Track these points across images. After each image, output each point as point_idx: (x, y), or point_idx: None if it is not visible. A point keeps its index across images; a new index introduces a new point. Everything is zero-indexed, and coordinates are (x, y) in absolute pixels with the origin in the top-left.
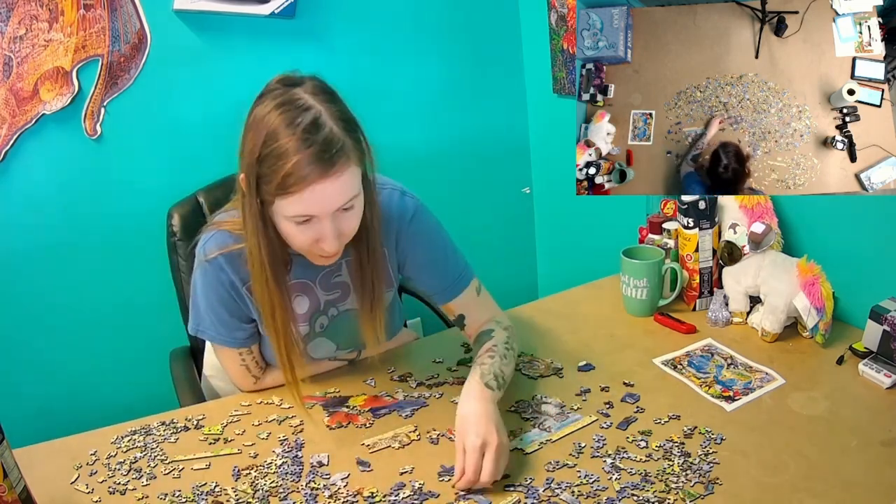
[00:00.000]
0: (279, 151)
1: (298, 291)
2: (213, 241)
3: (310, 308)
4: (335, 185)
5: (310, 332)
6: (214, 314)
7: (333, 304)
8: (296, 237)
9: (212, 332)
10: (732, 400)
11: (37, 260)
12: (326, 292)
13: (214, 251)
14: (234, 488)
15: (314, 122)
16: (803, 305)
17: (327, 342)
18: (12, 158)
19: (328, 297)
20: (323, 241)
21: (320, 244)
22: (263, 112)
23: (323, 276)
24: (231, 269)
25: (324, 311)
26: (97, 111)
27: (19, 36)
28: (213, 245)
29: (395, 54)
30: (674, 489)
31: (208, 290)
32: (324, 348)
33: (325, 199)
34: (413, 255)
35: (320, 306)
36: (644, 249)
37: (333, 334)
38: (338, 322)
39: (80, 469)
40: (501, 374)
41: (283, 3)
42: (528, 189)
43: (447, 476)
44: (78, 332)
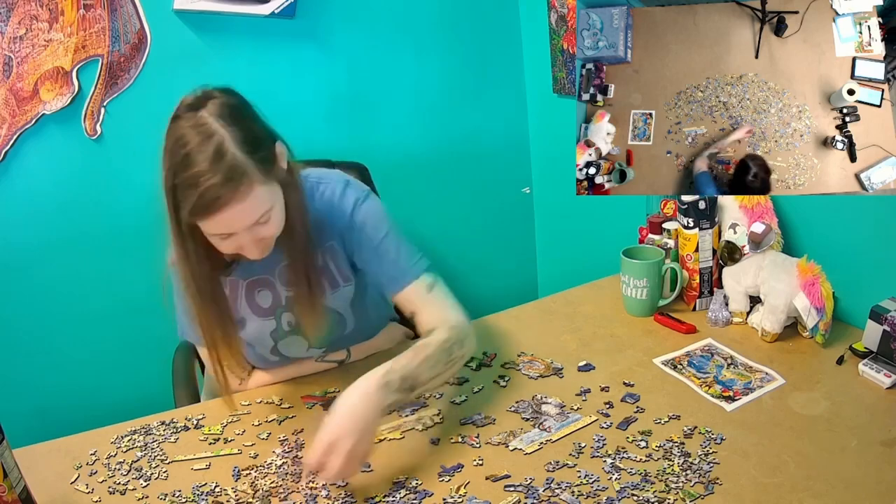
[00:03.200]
0: (189, 181)
1: (260, 286)
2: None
3: (273, 303)
4: (244, 207)
5: (277, 329)
6: (188, 317)
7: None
8: (222, 247)
9: (191, 334)
10: (732, 400)
11: (37, 260)
12: (287, 287)
13: (173, 257)
14: (234, 488)
15: (217, 151)
16: (803, 305)
17: (299, 340)
18: (12, 158)
19: (289, 292)
20: (244, 251)
21: (243, 252)
22: (173, 137)
23: (280, 270)
24: None
25: (287, 308)
26: (97, 111)
27: (19, 36)
28: (171, 251)
29: (395, 54)
30: (674, 489)
31: (177, 293)
32: (296, 346)
33: (237, 220)
34: (359, 245)
35: (282, 301)
36: (644, 249)
37: (300, 332)
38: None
39: (80, 469)
40: (413, 377)
41: (283, 3)
42: (528, 189)
43: (447, 476)
44: (78, 332)
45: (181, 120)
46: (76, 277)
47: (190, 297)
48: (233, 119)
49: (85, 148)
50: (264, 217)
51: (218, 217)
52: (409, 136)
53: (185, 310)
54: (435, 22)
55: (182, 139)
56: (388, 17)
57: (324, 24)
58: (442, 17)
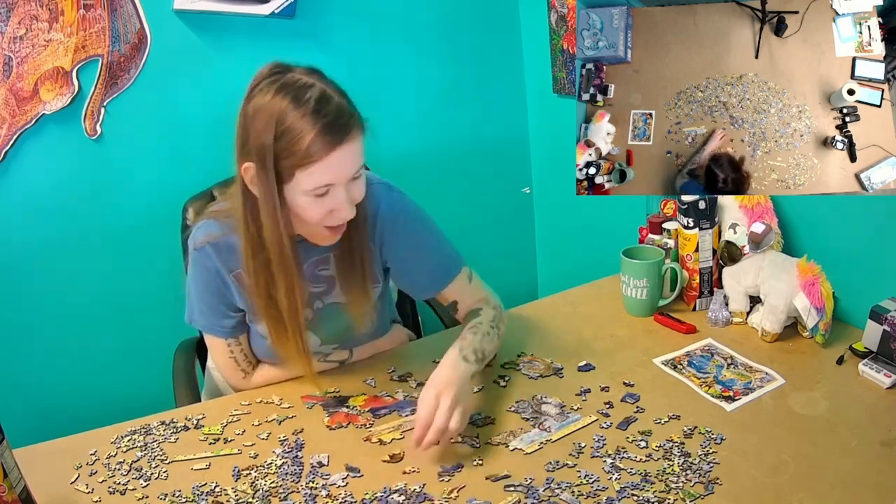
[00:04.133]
0: (295, 127)
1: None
2: (201, 231)
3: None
4: (351, 151)
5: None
6: (203, 303)
7: (319, 297)
8: (312, 210)
9: (201, 321)
10: (732, 400)
11: (37, 260)
12: (312, 284)
13: (202, 240)
14: (234, 488)
15: (322, 96)
16: (803, 305)
17: (311, 336)
18: (12, 158)
19: (314, 289)
20: (340, 210)
21: (336, 213)
22: (265, 99)
23: (308, 267)
24: (217, 256)
25: (308, 304)
26: (97, 111)
27: (19, 36)
28: (201, 234)
29: (395, 54)
30: (674, 489)
31: (197, 278)
32: (308, 341)
33: (344, 166)
34: (401, 248)
35: (305, 298)
36: (644, 249)
37: (317, 327)
38: (323, 316)
39: (80, 469)
40: (481, 349)
41: (283, 3)
42: (528, 189)
43: (447, 476)
44: (78, 332)
45: (268, 82)
46: (76, 277)
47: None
48: (324, 77)
49: (85, 148)
50: (359, 172)
51: (326, 161)
52: (409, 136)
53: (199, 295)
54: (435, 22)
55: (277, 96)
56: (388, 17)
57: (324, 25)
58: (442, 18)
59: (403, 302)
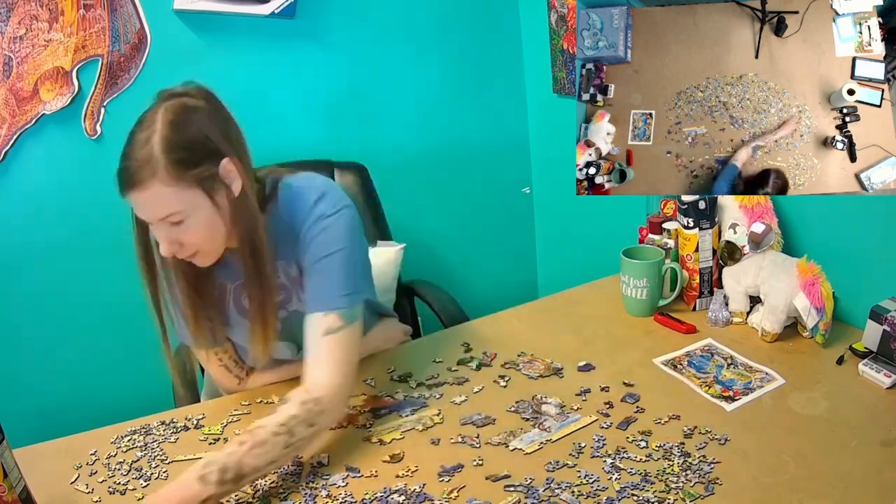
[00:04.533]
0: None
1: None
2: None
3: None
4: (144, 199)
5: None
6: (181, 318)
7: (282, 305)
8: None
9: (185, 336)
10: (732, 400)
11: (36, 260)
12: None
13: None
14: None
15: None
16: (803, 305)
17: (289, 344)
18: (12, 158)
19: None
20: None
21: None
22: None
23: (236, 288)
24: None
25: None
26: (97, 111)
27: (19, 36)
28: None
29: (395, 54)
30: (674, 489)
31: (172, 296)
32: (285, 351)
33: (140, 209)
34: (302, 257)
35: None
36: (644, 249)
37: (289, 336)
38: (290, 324)
39: (80, 469)
40: (236, 468)
41: (283, 3)
42: (528, 189)
43: (447, 476)
44: (78, 332)
45: (153, 105)
46: (76, 277)
47: (179, 292)
48: (180, 122)
49: (85, 148)
50: (173, 217)
51: (130, 199)
52: (409, 136)
53: (178, 310)
54: (435, 22)
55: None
56: (388, 17)
57: (324, 25)
58: (442, 18)
59: (402, 301)
